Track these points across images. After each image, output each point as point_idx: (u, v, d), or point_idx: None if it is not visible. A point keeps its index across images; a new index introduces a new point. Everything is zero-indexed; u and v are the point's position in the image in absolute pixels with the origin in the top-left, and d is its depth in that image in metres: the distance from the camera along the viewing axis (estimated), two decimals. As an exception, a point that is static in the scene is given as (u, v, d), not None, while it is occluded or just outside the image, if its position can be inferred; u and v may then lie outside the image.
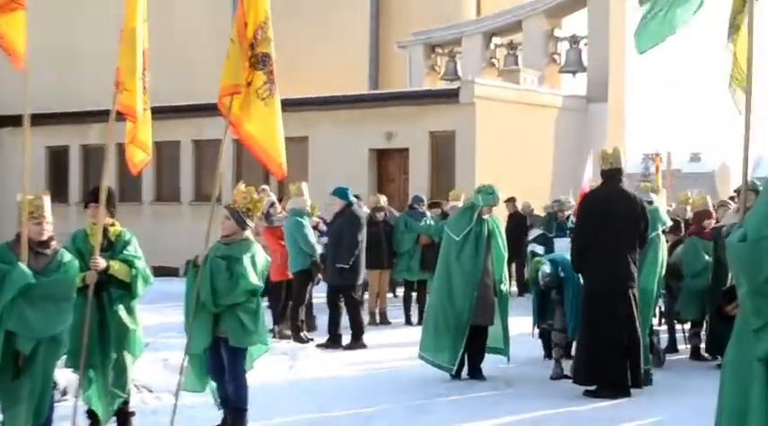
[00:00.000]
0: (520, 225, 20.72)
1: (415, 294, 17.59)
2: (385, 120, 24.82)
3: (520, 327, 12.97)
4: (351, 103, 25.81)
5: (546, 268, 11.87)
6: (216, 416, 9.11)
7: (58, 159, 30.23)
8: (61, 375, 9.29)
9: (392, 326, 17.04)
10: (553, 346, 12.17)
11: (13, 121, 26.76)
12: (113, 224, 8.80)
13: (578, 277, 11.45)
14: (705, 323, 13.29)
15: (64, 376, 9.47)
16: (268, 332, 9.41)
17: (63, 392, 9.81)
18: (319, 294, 16.14)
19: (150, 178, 28.01)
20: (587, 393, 10.82)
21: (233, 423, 8.85)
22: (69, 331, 7.77)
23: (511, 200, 21.40)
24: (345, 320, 14.78)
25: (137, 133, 8.93)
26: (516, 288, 20.12)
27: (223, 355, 8.70)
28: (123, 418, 8.99)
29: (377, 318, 17.24)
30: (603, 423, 9.74)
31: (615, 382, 10.76)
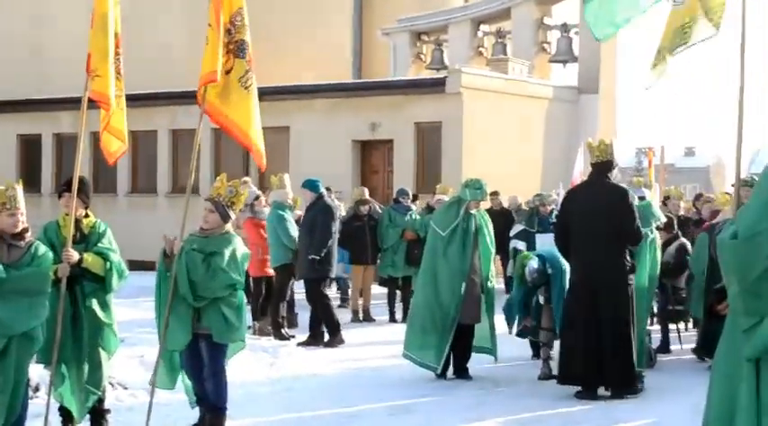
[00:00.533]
0: (504, 220, 20.64)
1: (400, 291, 17.63)
2: (368, 111, 24.83)
3: (507, 326, 12.99)
4: (333, 92, 25.81)
5: (533, 263, 11.79)
6: (192, 415, 9.10)
7: (31, 148, 30.16)
8: (33, 371, 9.27)
9: (376, 324, 17.08)
10: (541, 345, 12.20)
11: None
12: (87, 215, 8.79)
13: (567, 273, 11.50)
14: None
15: (36, 372, 9.46)
16: (246, 328, 9.43)
17: (35, 388, 9.80)
18: (301, 289, 16.14)
19: (126, 168, 27.97)
20: (578, 394, 10.84)
21: (211, 423, 8.85)
22: (43, 326, 7.75)
23: (494, 194, 21.16)
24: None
25: (110, 120, 8.93)
26: (503, 286, 20.18)
27: (203, 352, 8.71)
28: (98, 416, 8.99)
29: (360, 315, 17.27)
30: (593, 425, 9.80)
31: (583, 382, 10.79)
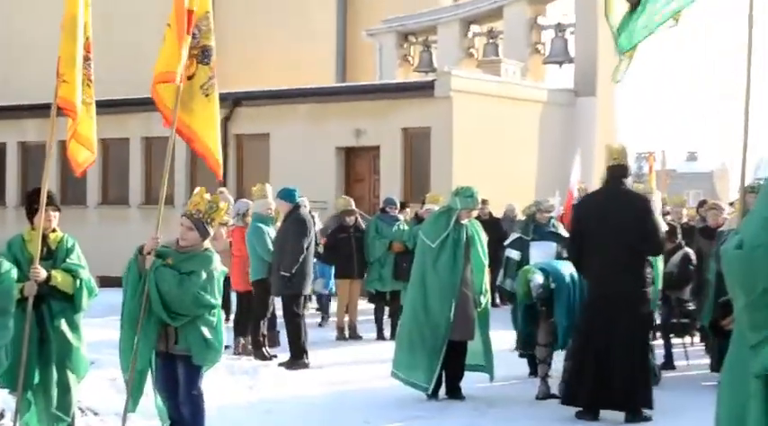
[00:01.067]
0: (494, 230, 20.49)
1: (388, 307, 17.58)
2: (353, 116, 24.79)
3: (501, 342, 12.97)
4: (316, 97, 25.75)
5: (538, 278, 11.68)
6: (166, 441, 9.05)
7: (-6, 157, 30.10)
8: (-3, 396, 9.24)
9: (363, 341, 17.03)
10: (538, 363, 12.17)
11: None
12: (54, 229, 8.74)
13: (572, 288, 11.50)
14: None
15: (0, 397, 9.40)
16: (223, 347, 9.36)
17: (0, 415, 9.74)
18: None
19: (96, 179, 27.86)
20: (579, 414, 10.77)
21: (187, 449, 8.80)
22: (7, 348, 7.70)
23: (483, 203, 21.05)
24: (315, 334, 14.67)
25: (77, 128, 8.88)
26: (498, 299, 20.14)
27: (179, 374, 8.63)
28: (66, 444, 8.93)
29: (346, 333, 17.21)
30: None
31: (589, 403, 10.75)
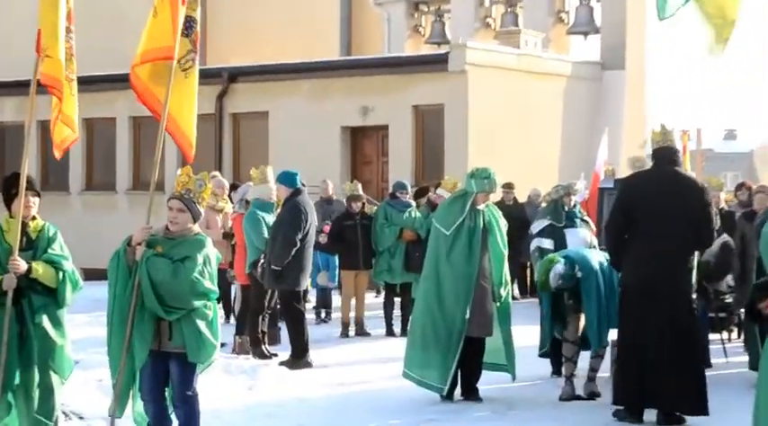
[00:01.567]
0: (518, 216, 20.51)
1: (399, 299, 17.56)
2: (359, 93, 24.80)
3: (522, 338, 12.94)
4: (319, 72, 25.78)
5: (559, 266, 11.63)
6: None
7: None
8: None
9: (371, 338, 17.01)
10: (564, 361, 12.14)
11: None
12: (34, 217, 8.72)
13: (604, 277, 11.48)
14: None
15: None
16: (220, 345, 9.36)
17: (-23, 419, 9.75)
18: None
19: (79, 162, 27.92)
20: (618, 414, 10.70)
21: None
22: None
23: (508, 187, 21.06)
24: (319, 331, 14.67)
25: (62, 107, 8.88)
26: (518, 291, 20.16)
27: (173, 374, 8.61)
28: (49, 450, 8.94)
29: (352, 329, 17.17)
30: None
31: (628, 403, 10.69)
